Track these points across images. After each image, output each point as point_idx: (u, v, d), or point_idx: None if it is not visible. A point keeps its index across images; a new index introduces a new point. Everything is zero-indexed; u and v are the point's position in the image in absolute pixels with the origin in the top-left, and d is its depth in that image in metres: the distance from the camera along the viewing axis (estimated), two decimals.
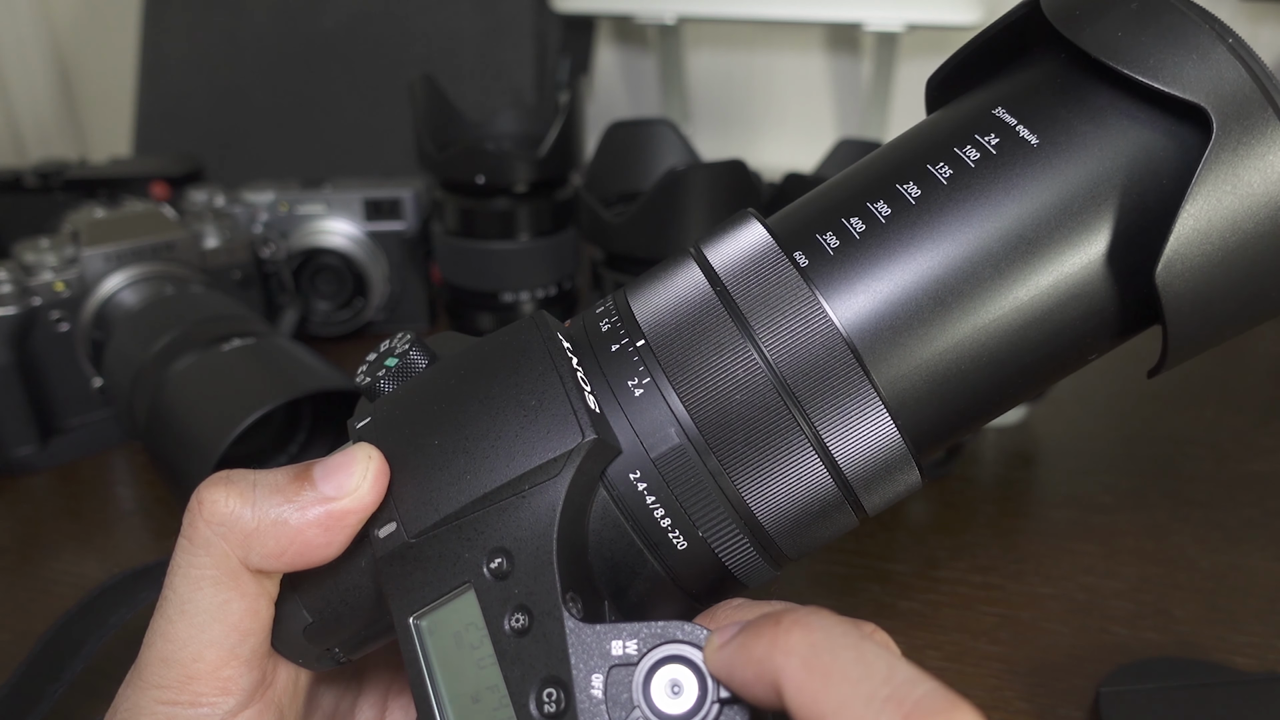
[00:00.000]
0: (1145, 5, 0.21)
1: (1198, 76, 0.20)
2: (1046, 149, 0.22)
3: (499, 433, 0.22)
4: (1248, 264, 0.21)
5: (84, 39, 1.14)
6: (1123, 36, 0.21)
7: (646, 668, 0.20)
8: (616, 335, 0.24)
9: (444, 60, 0.85)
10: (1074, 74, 0.22)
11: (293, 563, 0.23)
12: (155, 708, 0.23)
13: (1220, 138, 0.20)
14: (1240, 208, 0.20)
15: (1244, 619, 0.43)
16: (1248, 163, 0.20)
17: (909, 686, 0.16)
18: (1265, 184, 0.20)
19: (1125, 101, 0.21)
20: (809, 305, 0.22)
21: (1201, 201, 0.20)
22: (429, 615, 0.22)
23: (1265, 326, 0.76)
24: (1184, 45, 0.20)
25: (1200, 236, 0.20)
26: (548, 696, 0.20)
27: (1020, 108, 0.22)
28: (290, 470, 0.24)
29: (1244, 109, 0.20)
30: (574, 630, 0.20)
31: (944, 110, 0.24)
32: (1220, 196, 0.20)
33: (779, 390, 0.22)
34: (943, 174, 0.22)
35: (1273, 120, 0.20)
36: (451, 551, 0.22)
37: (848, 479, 0.23)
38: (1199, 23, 0.20)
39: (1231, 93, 0.20)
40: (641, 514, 0.23)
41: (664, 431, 0.22)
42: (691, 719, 0.20)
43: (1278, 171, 0.20)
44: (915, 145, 0.24)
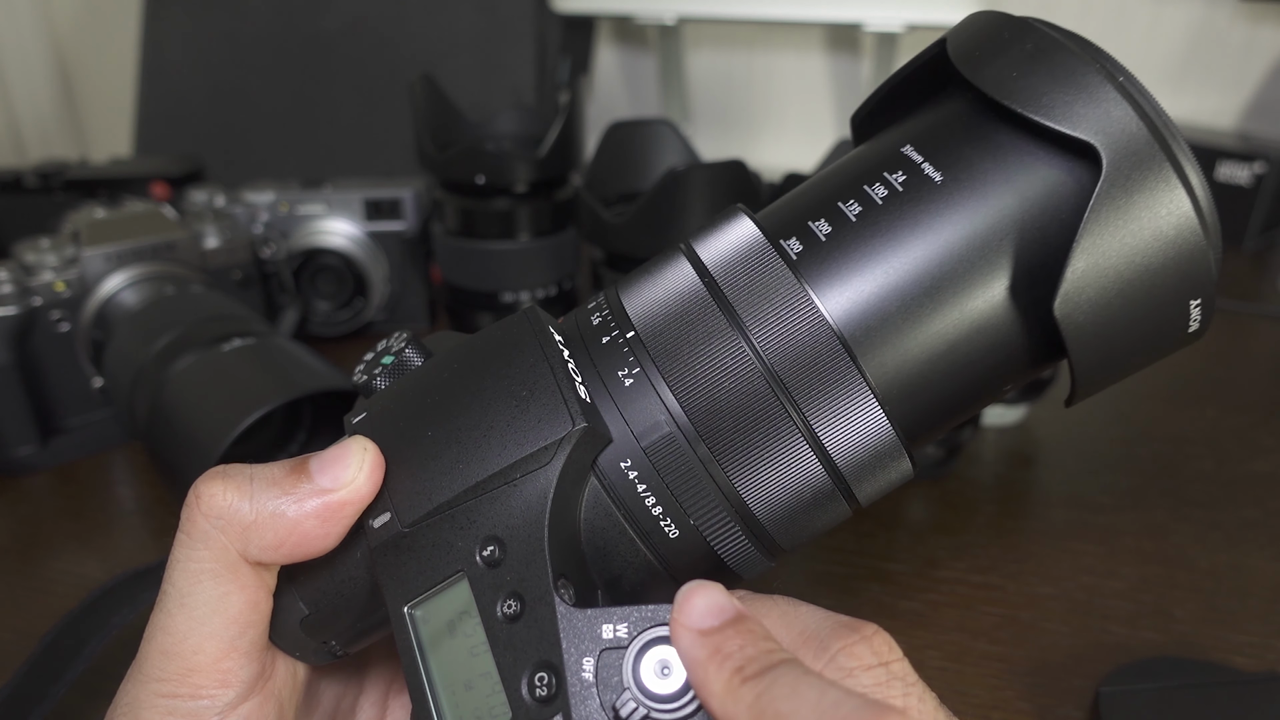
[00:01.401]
0: (1039, 46, 0.22)
1: (1087, 115, 0.21)
2: (950, 186, 0.22)
3: (491, 422, 0.23)
4: (1145, 297, 0.21)
5: (84, 39, 1.14)
6: (1017, 77, 0.21)
7: (636, 650, 0.20)
8: (607, 328, 0.24)
9: (444, 60, 0.85)
10: (978, 113, 0.23)
11: (291, 554, 0.23)
12: (156, 701, 0.23)
13: (1110, 174, 0.20)
14: (1133, 242, 0.21)
15: (1244, 619, 0.43)
16: (1137, 198, 0.20)
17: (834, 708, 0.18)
18: (1155, 219, 0.21)
19: (1024, 140, 0.22)
20: (798, 296, 0.22)
21: (1094, 237, 0.20)
22: (423, 604, 0.22)
23: (1265, 327, 0.75)
24: (1075, 85, 0.21)
25: (1095, 271, 0.21)
26: (539, 680, 0.20)
27: (928, 145, 0.23)
28: (287, 464, 0.24)
29: (1132, 146, 0.20)
30: (565, 615, 0.21)
31: (861, 147, 0.25)
32: (1113, 232, 0.20)
33: (769, 380, 0.22)
34: (852, 211, 0.23)
35: (1160, 156, 0.20)
36: (445, 540, 0.22)
37: (839, 468, 0.23)
38: (1089, 63, 0.21)
39: (1120, 130, 0.20)
40: (633, 502, 0.23)
41: (654, 420, 0.23)
42: (681, 698, 0.20)
43: (1166, 206, 0.21)
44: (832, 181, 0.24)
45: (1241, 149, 0.89)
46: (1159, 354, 0.23)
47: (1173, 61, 0.99)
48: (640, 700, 0.20)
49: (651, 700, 0.20)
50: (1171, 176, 0.21)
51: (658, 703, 0.20)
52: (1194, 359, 0.69)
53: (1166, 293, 0.21)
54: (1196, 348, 0.75)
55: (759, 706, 0.18)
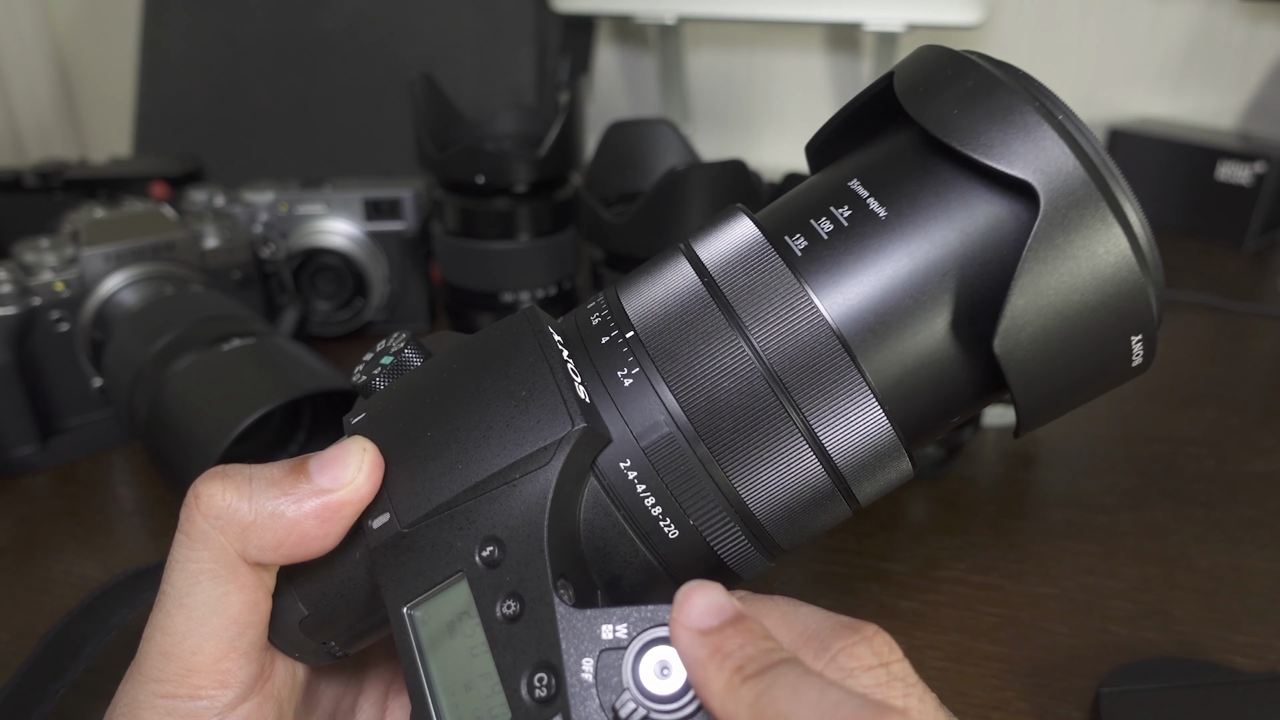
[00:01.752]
0: (979, 83, 0.22)
1: (1025, 153, 0.21)
2: (894, 221, 0.22)
3: (490, 423, 0.23)
4: (1084, 333, 0.21)
5: (84, 39, 1.14)
6: (958, 114, 0.21)
7: (635, 650, 0.20)
8: (607, 328, 0.24)
9: (444, 60, 0.85)
10: (922, 148, 0.23)
11: (290, 555, 0.23)
12: (155, 701, 0.23)
13: (1047, 213, 0.20)
14: (1071, 280, 0.21)
15: (1244, 619, 0.43)
16: (1074, 236, 0.21)
17: (835, 708, 0.18)
18: (1092, 256, 0.21)
19: (966, 177, 0.22)
20: (797, 296, 0.22)
21: (1032, 275, 0.21)
22: (423, 605, 0.22)
23: (1265, 327, 0.75)
24: (1013, 123, 0.21)
25: (1034, 309, 0.21)
26: (539, 681, 0.20)
27: (873, 180, 0.23)
28: (286, 464, 0.24)
29: (1069, 184, 0.20)
30: (564, 616, 0.21)
31: (811, 179, 0.25)
32: (1050, 270, 0.21)
33: (768, 380, 0.22)
34: (798, 245, 0.23)
35: (1096, 194, 0.21)
36: (444, 541, 0.22)
37: (839, 468, 0.23)
38: (1028, 101, 0.21)
39: (1056, 169, 0.21)
40: (632, 502, 0.23)
41: (653, 420, 0.23)
42: (680, 698, 0.20)
43: (1103, 244, 0.21)
44: (781, 213, 0.24)
45: (1241, 149, 0.89)
46: (1103, 388, 0.23)
47: (1173, 61, 0.99)
48: (640, 701, 0.20)
49: (651, 701, 0.20)
50: (1108, 215, 0.21)
51: (657, 703, 0.20)
52: (1194, 359, 0.69)
53: (1106, 329, 0.21)
54: (1197, 348, 0.75)
55: (759, 706, 0.18)
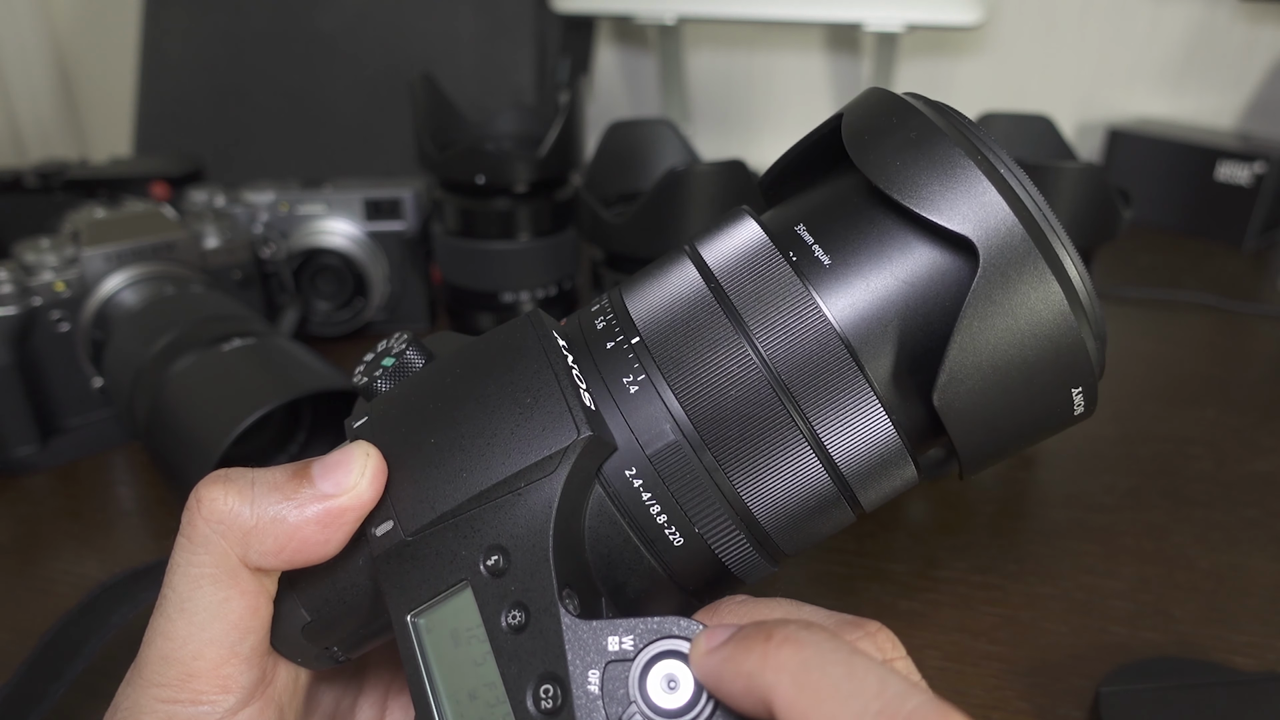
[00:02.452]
0: (921, 134, 0.22)
1: (964, 209, 0.21)
2: (838, 269, 0.22)
3: (494, 430, 0.23)
4: (1023, 386, 0.22)
5: (84, 39, 1.14)
6: (900, 166, 0.21)
7: (642, 663, 0.20)
8: (612, 333, 0.24)
9: (444, 60, 0.85)
10: (866, 196, 0.23)
11: (291, 560, 0.23)
12: (155, 706, 0.23)
13: (985, 269, 0.21)
14: (1009, 334, 0.21)
15: (1244, 619, 0.43)
16: (1013, 291, 0.21)
17: (900, 700, 0.17)
18: (1030, 311, 0.21)
19: (907, 228, 0.22)
20: (804, 302, 0.22)
21: (970, 331, 0.21)
22: (427, 613, 0.22)
23: (1265, 327, 0.75)
24: (952, 178, 0.21)
25: (973, 363, 0.21)
26: (544, 693, 0.20)
27: (818, 226, 0.23)
28: (288, 468, 0.24)
29: (1007, 240, 0.21)
30: (570, 626, 0.20)
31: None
32: (989, 323, 0.21)
33: (774, 386, 0.22)
34: None
35: (1034, 251, 0.21)
36: (448, 549, 0.22)
37: (844, 475, 0.23)
38: (968, 155, 0.21)
39: (996, 225, 0.21)
40: (638, 510, 0.23)
41: (659, 428, 0.22)
42: (687, 713, 0.20)
43: (1042, 298, 0.21)
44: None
45: (1241, 149, 0.89)
46: (1044, 435, 0.23)
47: (1173, 61, 0.99)
48: (647, 715, 0.20)
49: (658, 715, 0.20)
50: (1045, 271, 0.21)
51: (665, 718, 0.20)
52: (1194, 359, 0.69)
53: (1045, 381, 0.22)
54: (1197, 348, 0.75)
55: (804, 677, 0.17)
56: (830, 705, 0.17)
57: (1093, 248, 0.51)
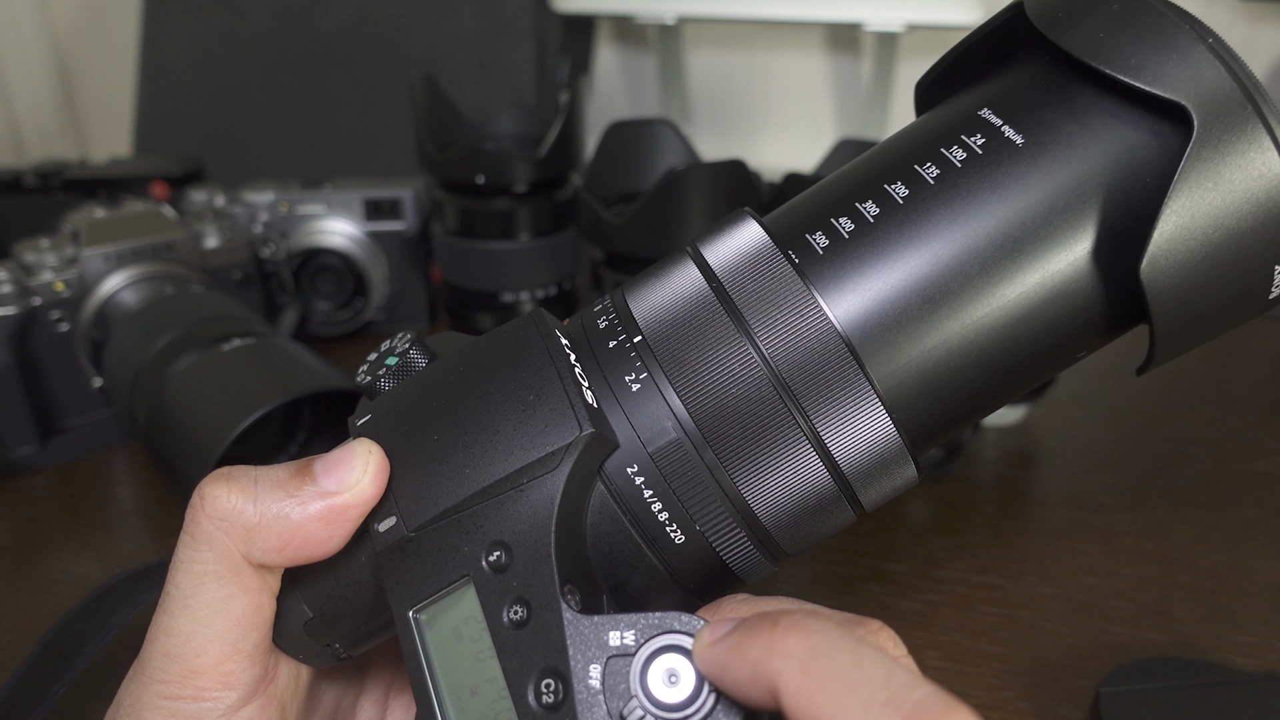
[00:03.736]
0: (1126, 6, 0.21)
1: (1178, 75, 0.20)
2: (1032, 148, 0.22)
3: (497, 427, 0.23)
4: (1231, 260, 0.21)
5: (84, 39, 1.14)
6: (1104, 37, 0.21)
7: (644, 658, 0.20)
8: (614, 332, 0.24)
9: (444, 60, 0.85)
10: (1058, 75, 0.22)
11: (294, 557, 0.23)
12: (158, 703, 0.23)
13: (1201, 135, 0.20)
14: (1222, 204, 0.20)
15: (1244, 619, 0.43)
16: (1229, 159, 0.20)
17: (906, 690, 0.16)
18: (1246, 180, 0.20)
19: (1108, 101, 0.22)
20: (805, 302, 0.22)
21: (1184, 198, 0.20)
22: (428, 609, 0.22)
23: (1265, 327, 0.75)
24: (1165, 45, 0.20)
25: (1184, 233, 0.20)
26: (546, 687, 0.20)
27: (1006, 108, 0.22)
28: (291, 466, 0.24)
29: (1224, 107, 0.20)
30: (572, 622, 0.20)
31: (932, 113, 0.25)
32: (1203, 193, 0.20)
33: (776, 386, 0.22)
34: (930, 174, 0.22)
35: (1252, 117, 0.20)
36: (451, 545, 0.22)
37: (845, 475, 0.23)
38: (1179, 23, 0.21)
39: (1212, 91, 0.20)
40: (639, 508, 0.23)
41: (661, 426, 0.23)
42: (688, 707, 0.20)
43: (1258, 168, 0.20)
44: (903, 147, 0.24)
45: None
46: (1240, 319, 0.22)
47: None
48: (648, 709, 0.20)
49: (659, 709, 0.20)
50: (1264, 138, 0.20)
51: (666, 711, 0.20)
52: (1194, 359, 0.69)
53: (1253, 257, 0.21)
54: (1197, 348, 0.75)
55: (812, 664, 0.17)
56: (838, 692, 0.17)
57: None
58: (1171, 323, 0.21)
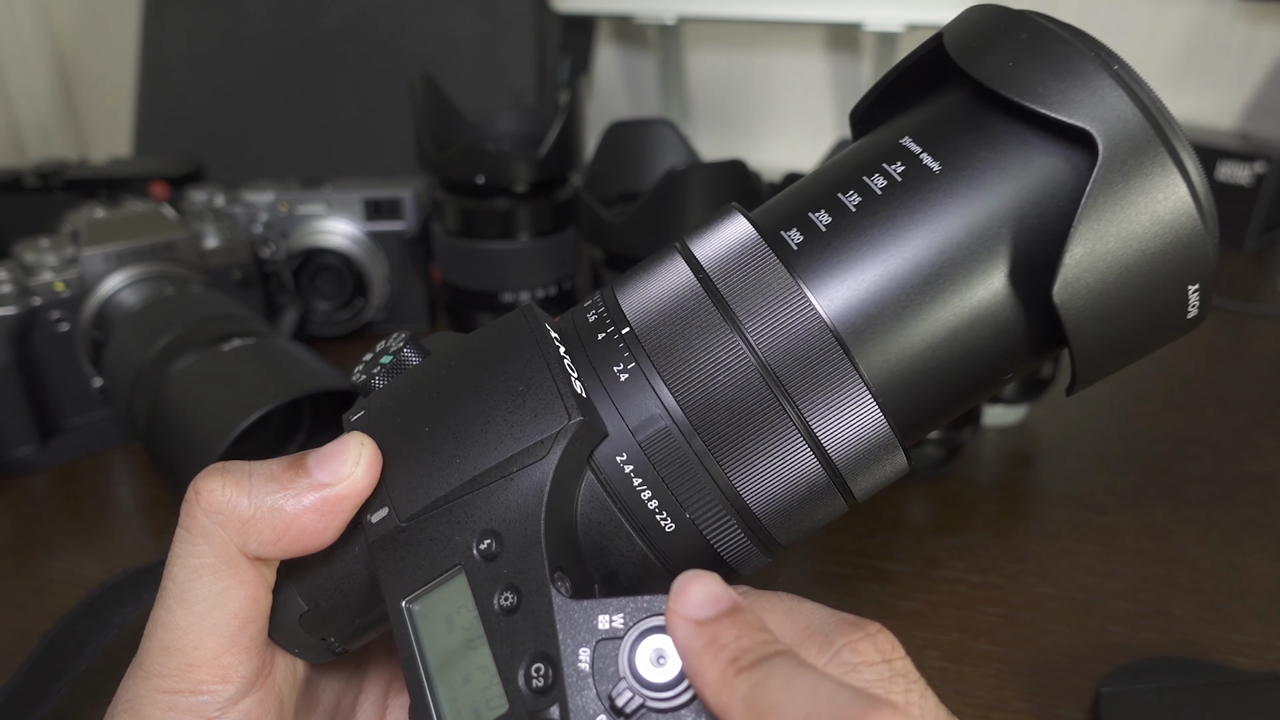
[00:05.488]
0: (1034, 36, 0.22)
1: (1084, 102, 0.21)
2: (949, 175, 0.22)
3: (487, 418, 0.23)
4: (1144, 282, 0.21)
5: (84, 39, 1.14)
6: (1014, 66, 0.22)
7: (632, 639, 0.20)
8: (603, 324, 0.24)
9: (444, 60, 0.85)
10: (975, 103, 0.23)
11: (289, 549, 0.24)
12: (156, 697, 0.23)
13: (1106, 160, 0.20)
14: (1130, 228, 0.21)
15: (1244, 619, 0.43)
16: (1134, 184, 0.21)
17: (828, 700, 0.18)
18: (1152, 204, 0.21)
19: (1021, 128, 0.22)
20: (791, 291, 0.22)
21: (1092, 223, 0.21)
22: (421, 599, 0.23)
23: (1265, 327, 0.75)
24: (1070, 73, 0.21)
25: (1094, 257, 0.21)
26: (536, 671, 0.20)
27: (925, 136, 0.23)
28: (285, 460, 0.24)
29: (1128, 132, 0.21)
30: (561, 606, 0.21)
31: (861, 140, 0.25)
32: (1110, 218, 0.21)
33: (763, 375, 0.22)
34: (852, 201, 0.23)
35: (1155, 142, 0.21)
36: (442, 534, 0.23)
37: (835, 464, 0.23)
38: (1084, 51, 0.21)
39: (1116, 117, 0.21)
40: (629, 496, 0.23)
41: (649, 414, 0.23)
42: (676, 686, 0.20)
43: (1163, 191, 0.21)
44: (831, 174, 0.24)
45: (1242, 149, 0.89)
46: (1159, 341, 0.23)
47: (1173, 61, 0.99)
48: (636, 689, 0.20)
49: (647, 689, 0.20)
50: (1168, 162, 0.21)
51: (653, 691, 0.20)
52: (1194, 359, 0.69)
53: (1165, 278, 0.21)
54: (1197, 348, 0.75)
55: (753, 698, 0.18)
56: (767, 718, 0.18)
57: None
58: (1089, 345, 0.22)
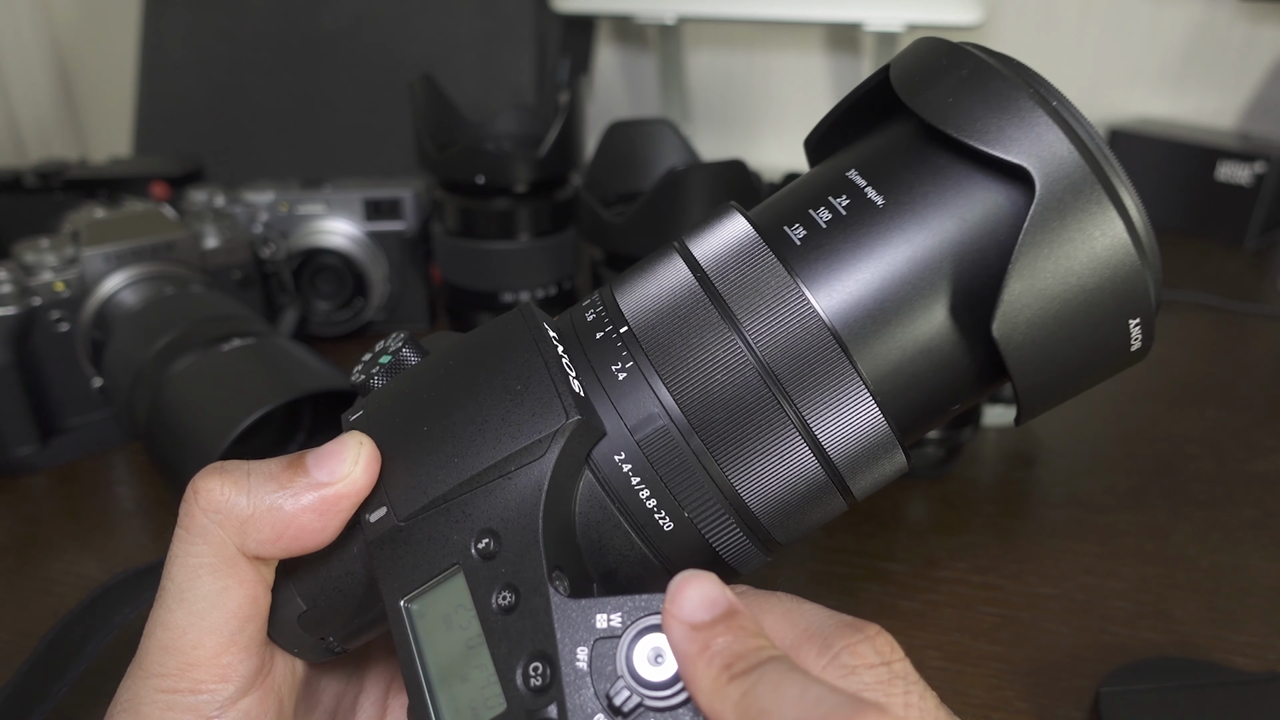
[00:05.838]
0: (974, 72, 0.22)
1: (1021, 139, 0.21)
2: (891, 209, 0.23)
3: (485, 417, 0.23)
4: (1084, 317, 0.22)
5: (84, 39, 1.14)
6: (954, 102, 0.22)
7: (629, 638, 0.20)
8: (601, 324, 0.24)
9: (444, 60, 0.85)
10: (919, 138, 0.23)
11: (288, 548, 0.24)
12: (155, 696, 0.23)
13: (1043, 197, 0.21)
14: (1068, 263, 0.21)
15: (1244, 619, 0.43)
16: (1071, 220, 0.21)
17: (815, 705, 0.18)
18: (1089, 240, 0.21)
19: (963, 164, 0.22)
20: (790, 291, 0.23)
21: (1030, 259, 0.21)
22: (420, 598, 0.23)
23: (1265, 327, 0.75)
24: (1008, 110, 0.21)
25: (1032, 293, 0.21)
26: (533, 670, 0.21)
27: (870, 170, 0.23)
28: (283, 459, 0.24)
29: (1065, 169, 0.21)
30: (559, 605, 0.21)
31: (810, 172, 0.26)
32: (1048, 253, 0.21)
33: (762, 374, 0.22)
34: (797, 235, 0.23)
35: (1091, 178, 0.21)
36: (440, 534, 0.23)
37: (834, 463, 0.23)
38: (1023, 88, 0.21)
39: (1052, 154, 0.21)
40: (627, 495, 0.23)
41: (648, 413, 0.23)
42: (673, 685, 0.20)
43: (1100, 227, 0.21)
44: (779, 205, 0.25)
45: (1242, 149, 0.89)
46: (1103, 373, 0.23)
47: (1173, 61, 0.99)
48: (634, 688, 0.20)
49: (645, 688, 0.20)
50: (1104, 199, 0.21)
51: (651, 690, 0.20)
52: (1194, 359, 0.69)
53: (1104, 313, 0.22)
54: (1197, 348, 0.75)
55: (744, 705, 0.19)
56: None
57: None
58: (1031, 379, 0.22)
